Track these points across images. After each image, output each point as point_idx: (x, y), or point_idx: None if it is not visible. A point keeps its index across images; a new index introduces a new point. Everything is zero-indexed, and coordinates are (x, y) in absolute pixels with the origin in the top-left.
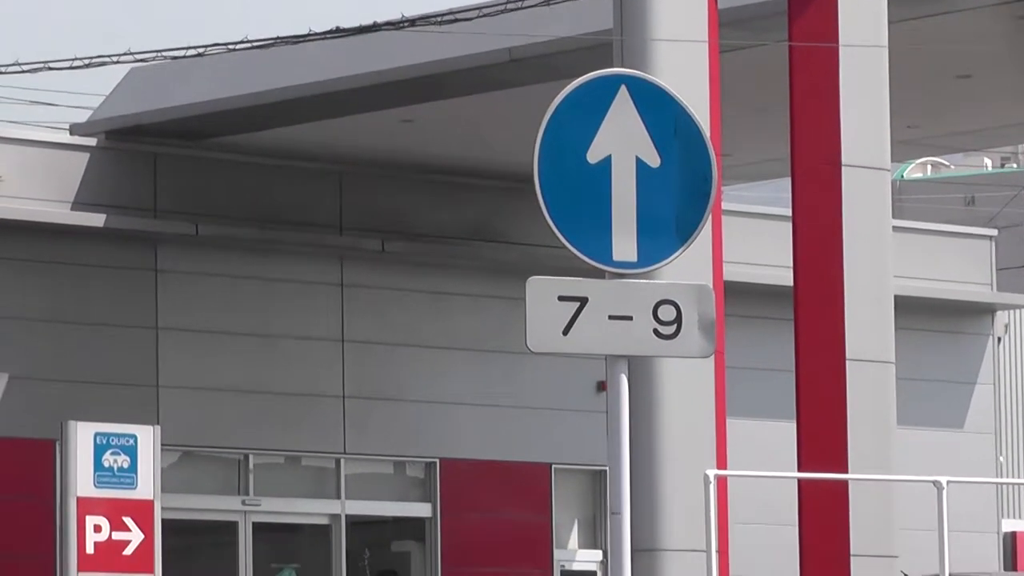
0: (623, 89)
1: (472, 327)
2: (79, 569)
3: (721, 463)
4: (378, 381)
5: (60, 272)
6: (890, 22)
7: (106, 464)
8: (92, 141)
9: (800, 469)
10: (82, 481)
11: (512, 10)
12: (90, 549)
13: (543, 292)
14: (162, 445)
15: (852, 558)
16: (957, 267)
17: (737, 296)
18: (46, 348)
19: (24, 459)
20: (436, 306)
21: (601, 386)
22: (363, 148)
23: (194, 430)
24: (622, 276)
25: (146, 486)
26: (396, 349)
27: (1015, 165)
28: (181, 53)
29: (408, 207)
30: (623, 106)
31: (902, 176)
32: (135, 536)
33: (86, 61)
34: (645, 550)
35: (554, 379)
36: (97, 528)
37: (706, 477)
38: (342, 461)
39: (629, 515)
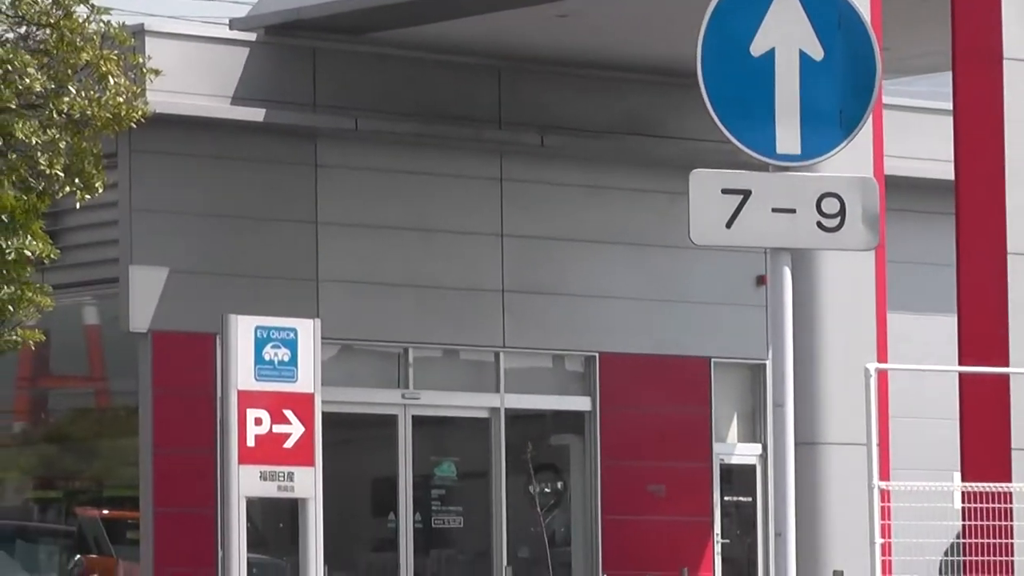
0: None
1: (631, 221)
2: (240, 462)
3: (882, 357)
4: (537, 275)
5: (220, 167)
6: None
7: (266, 357)
8: (252, 36)
9: (961, 363)
10: (243, 374)
11: None
12: (251, 442)
13: (707, 185)
14: (322, 339)
15: (1012, 452)
16: None
17: (897, 190)
18: (207, 243)
19: (185, 353)
20: (595, 200)
21: (761, 280)
22: (522, 43)
23: (354, 324)
24: (785, 169)
25: (306, 379)
26: (555, 243)
27: None
28: None
29: (567, 102)
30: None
31: None
32: (295, 429)
33: None
34: (806, 443)
35: (713, 273)
36: (258, 421)
37: (866, 371)
38: (501, 355)
39: (792, 408)
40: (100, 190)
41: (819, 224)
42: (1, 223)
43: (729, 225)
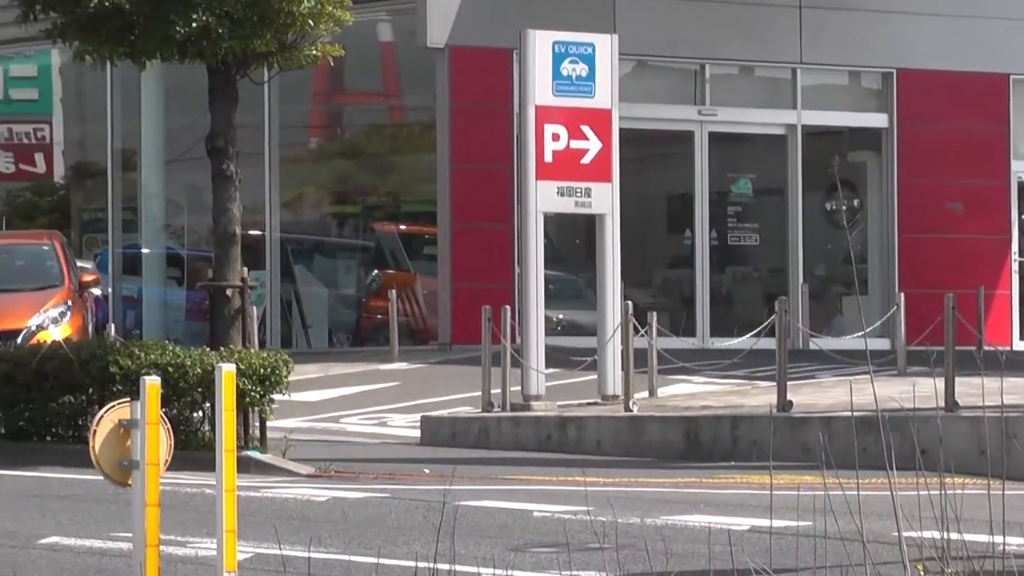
0: None
1: None
2: (537, 177)
3: None
4: None
5: None
6: None
7: (564, 73)
8: None
9: None
10: (540, 90)
11: None
12: (548, 158)
13: None
14: (619, 54)
15: None
16: None
17: None
18: None
19: (482, 68)
20: None
21: None
22: None
23: (650, 40)
24: None
25: (604, 95)
26: None
27: None
28: None
29: None
30: None
31: None
32: (593, 145)
33: None
34: None
35: None
36: (555, 137)
37: None
38: (798, 71)
39: None
40: None
41: None
42: None
43: None
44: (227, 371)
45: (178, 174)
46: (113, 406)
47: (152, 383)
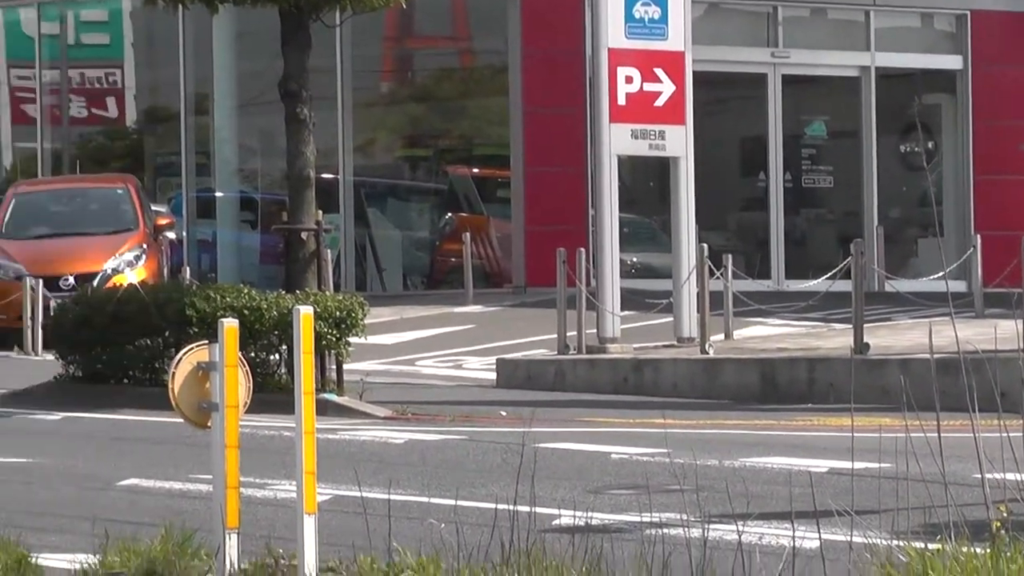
0: None
1: None
2: (611, 120)
3: None
4: None
5: None
6: None
7: (637, 15)
8: None
9: None
10: (613, 33)
11: None
12: (621, 100)
13: None
14: None
15: None
16: None
17: None
18: None
19: (554, 12)
20: None
21: None
22: None
23: None
24: None
25: (676, 37)
26: None
27: None
28: None
29: None
30: None
31: None
32: (666, 87)
33: None
34: None
35: None
36: (628, 79)
37: None
38: (871, 13)
39: None
40: None
41: None
42: None
43: None
44: (305, 313)
45: (251, 118)
46: (191, 348)
47: (230, 325)
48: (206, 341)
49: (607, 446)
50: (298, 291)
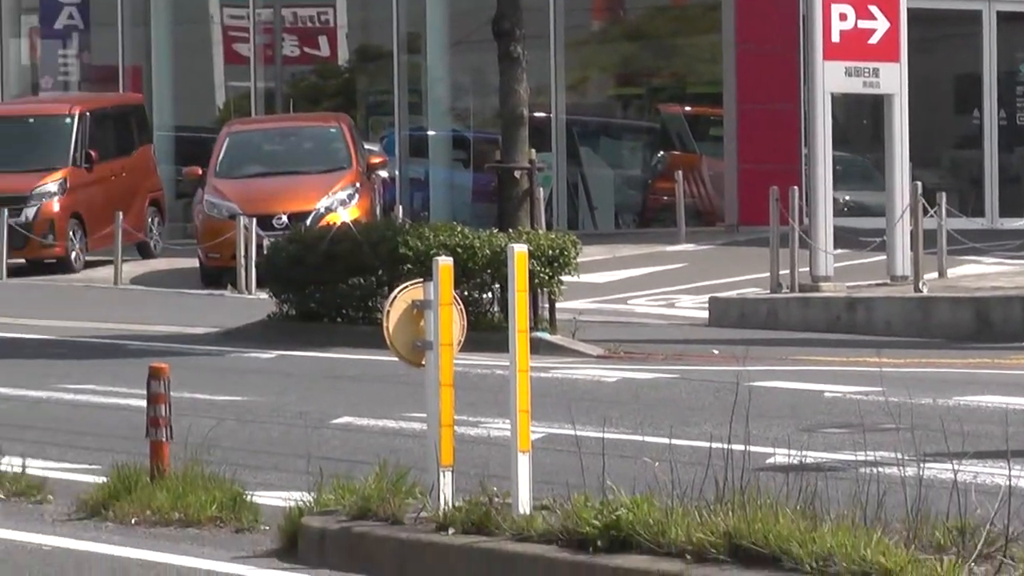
0: None
1: None
2: (824, 57)
3: None
4: None
5: None
6: None
7: None
8: None
9: None
10: None
11: None
12: (835, 38)
13: None
14: None
15: None
16: None
17: None
18: None
19: None
20: None
21: None
22: None
23: None
24: None
25: None
26: None
27: None
28: None
29: None
30: None
31: None
32: (880, 24)
33: None
34: None
35: None
36: (842, 16)
37: None
38: None
39: None
40: None
41: None
42: None
43: None
44: (519, 252)
45: (463, 56)
46: (406, 287)
47: (444, 263)
48: (420, 280)
49: (820, 384)
50: (511, 230)
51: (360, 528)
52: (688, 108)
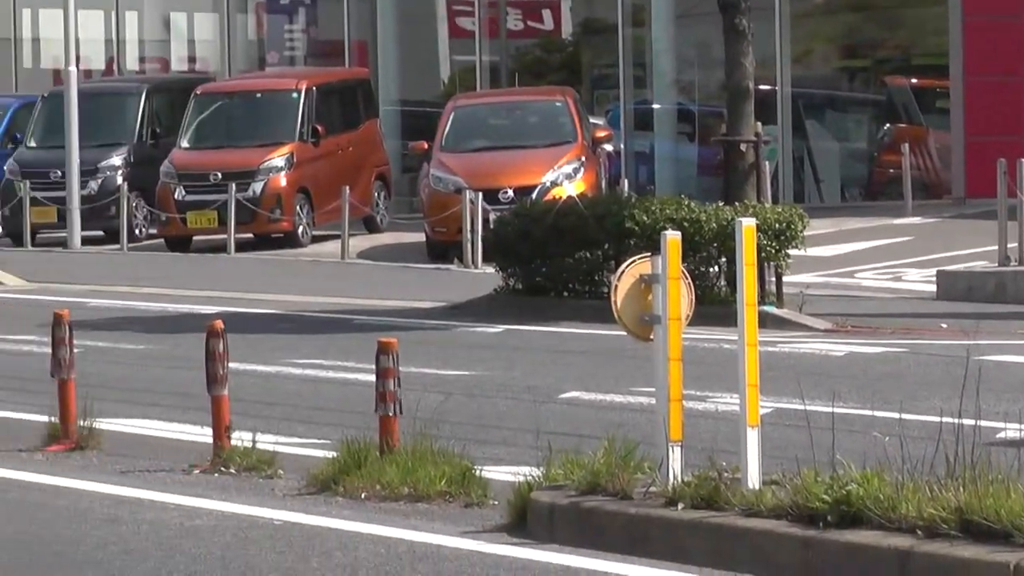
0: None
1: None
2: None
3: None
4: None
5: None
6: None
7: None
8: None
9: None
10: None
11: None
12: None
13: None
14: None
15: None
16: None
17: None
18: None
19: None
20: None
21: None
22: None
23: None
24: None
25: None
26: None
27: None
28: None
29: None
30: None
31: None
32: None
33: None
34: None
35: None
36: None
37: None
38: None
39: None
40: None
41: None
42: None
43: None
44: (747, 225)
45: (688, 29)
46: (634, 261)
47: (673, 237)
48: (648, 254)
49: None
50: (737, 203)
51: (589, 503)
52: (914, 80)
